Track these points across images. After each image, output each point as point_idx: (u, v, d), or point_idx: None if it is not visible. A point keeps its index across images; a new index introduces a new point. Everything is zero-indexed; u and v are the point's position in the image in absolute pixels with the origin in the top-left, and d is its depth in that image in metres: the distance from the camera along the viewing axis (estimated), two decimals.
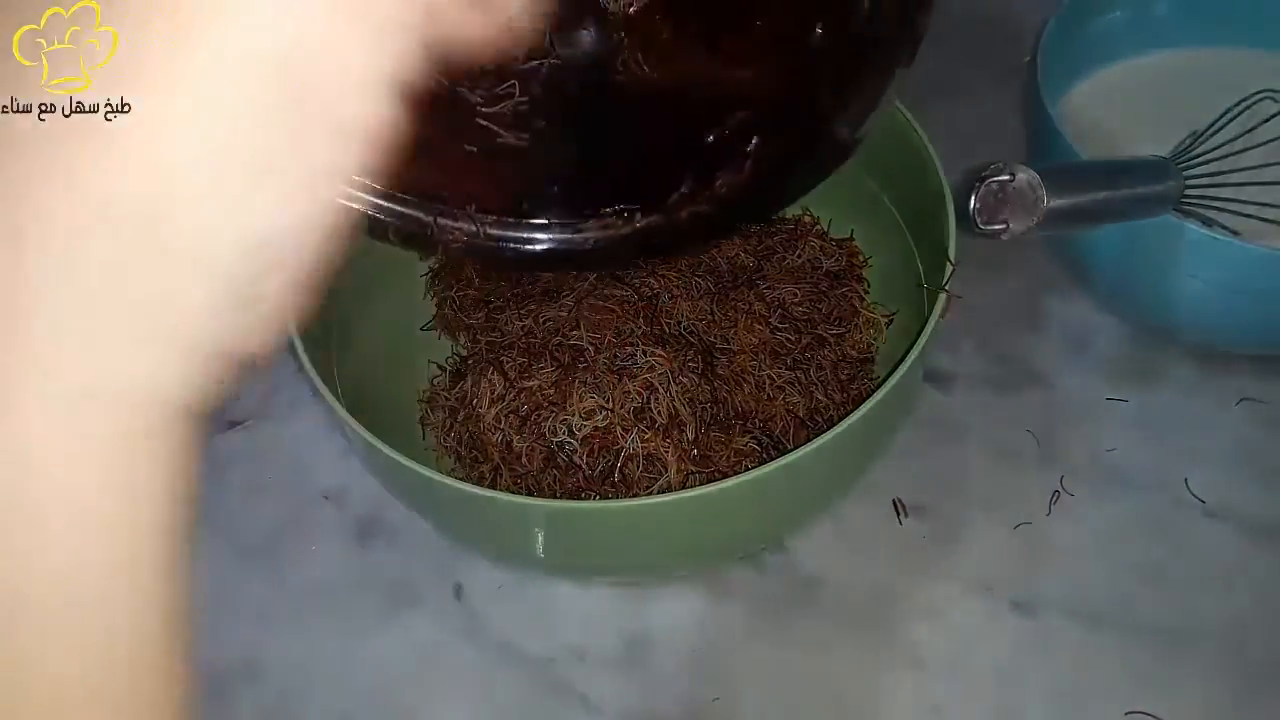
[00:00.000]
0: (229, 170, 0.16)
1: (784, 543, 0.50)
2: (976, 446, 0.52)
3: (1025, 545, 0.49)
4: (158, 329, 0.17)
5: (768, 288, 0.53)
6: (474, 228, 0.41)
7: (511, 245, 0.44)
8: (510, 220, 0.44)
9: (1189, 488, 0.50)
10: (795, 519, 0.49)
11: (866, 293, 0.55)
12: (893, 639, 0.47)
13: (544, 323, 0.52)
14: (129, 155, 0.16)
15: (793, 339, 0.51)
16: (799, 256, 0.55)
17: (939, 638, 0.47)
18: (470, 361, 0.53)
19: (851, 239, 0.57)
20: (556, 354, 0.51)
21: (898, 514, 0.50)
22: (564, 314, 0.52)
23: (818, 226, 0.57)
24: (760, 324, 0.51)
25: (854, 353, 0.53)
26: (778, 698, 0.46)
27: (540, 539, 0.43)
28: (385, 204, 0.43)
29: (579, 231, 0.44)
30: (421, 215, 0.44)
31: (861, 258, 0.56)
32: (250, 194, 0.16)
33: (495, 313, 0.54)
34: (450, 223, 0.41)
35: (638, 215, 0.43)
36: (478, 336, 0.54)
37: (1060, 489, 0.50)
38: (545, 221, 0.44)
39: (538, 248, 0.44)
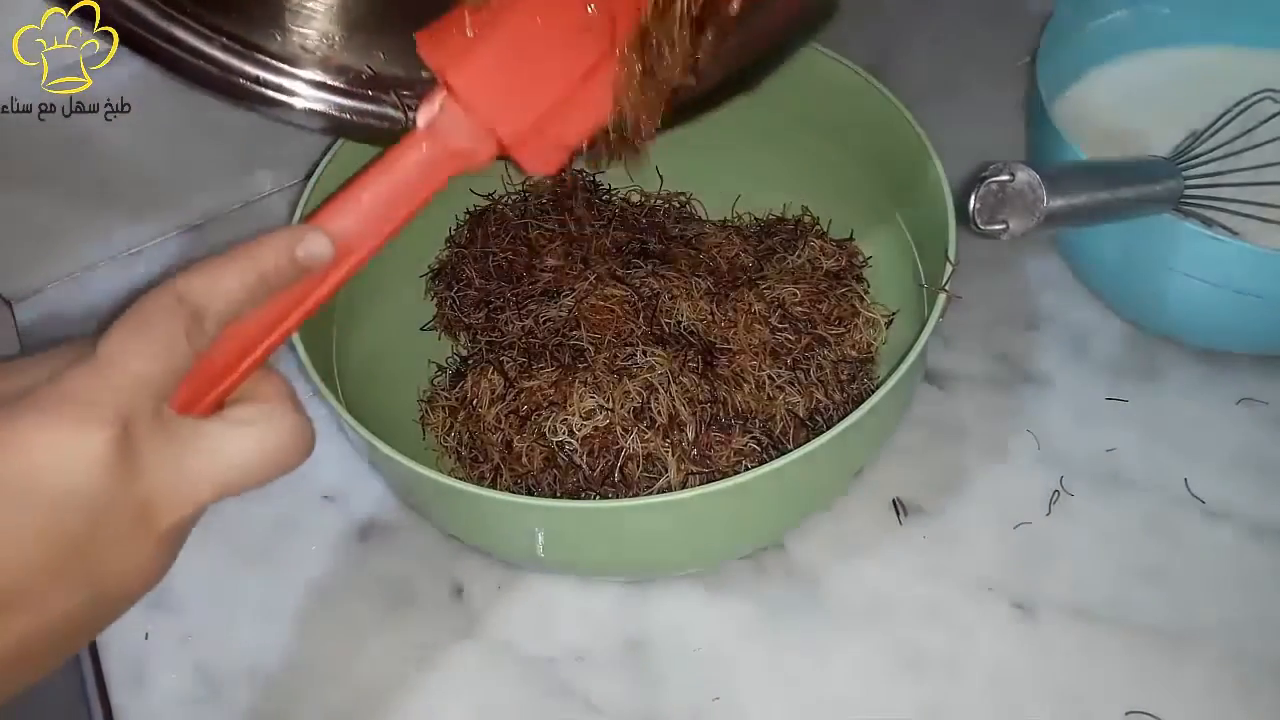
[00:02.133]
0: None
1: (784, 542, 0.50)
2: (976, 446, 0.52)
3: (1025, 545, 0.49)
4: None
5: (768, 288, 0.53)
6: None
7: None
8: None
9: (1189, 488, 0.50)
10: (795, 519, 0.49)
11: (866, 293, 0.55)
12: (892, 639, 0.47)
13: (544, 323, 0.53)
14: None
15: (793, 339, 0.51)
16: (799, 256, 0.55)
17: (939, 638, 0.47)
18: (470, 361, 0.53)
19: (851, 239, 0.57)
20: (556, 354, 0.51)
21: (898, 514, 0.50)
22: (564, 314, 0.52)
23: (818, 226, 0.57)
24: (760, 324, 0.51)
25: (854, 353, 0.53)
26: (778, 698, 0.46)
27: (540, 539, 0.43)
28: (349, 103, 0.44)
29: None
30: (391, 111, 0.44)
31: (861, 258, 0.56)
32: None
33: (495, 313, 0.54)
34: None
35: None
36: (478, 336, 0.54)
37: (1060, 489, 0.50)
38: None
39: None
